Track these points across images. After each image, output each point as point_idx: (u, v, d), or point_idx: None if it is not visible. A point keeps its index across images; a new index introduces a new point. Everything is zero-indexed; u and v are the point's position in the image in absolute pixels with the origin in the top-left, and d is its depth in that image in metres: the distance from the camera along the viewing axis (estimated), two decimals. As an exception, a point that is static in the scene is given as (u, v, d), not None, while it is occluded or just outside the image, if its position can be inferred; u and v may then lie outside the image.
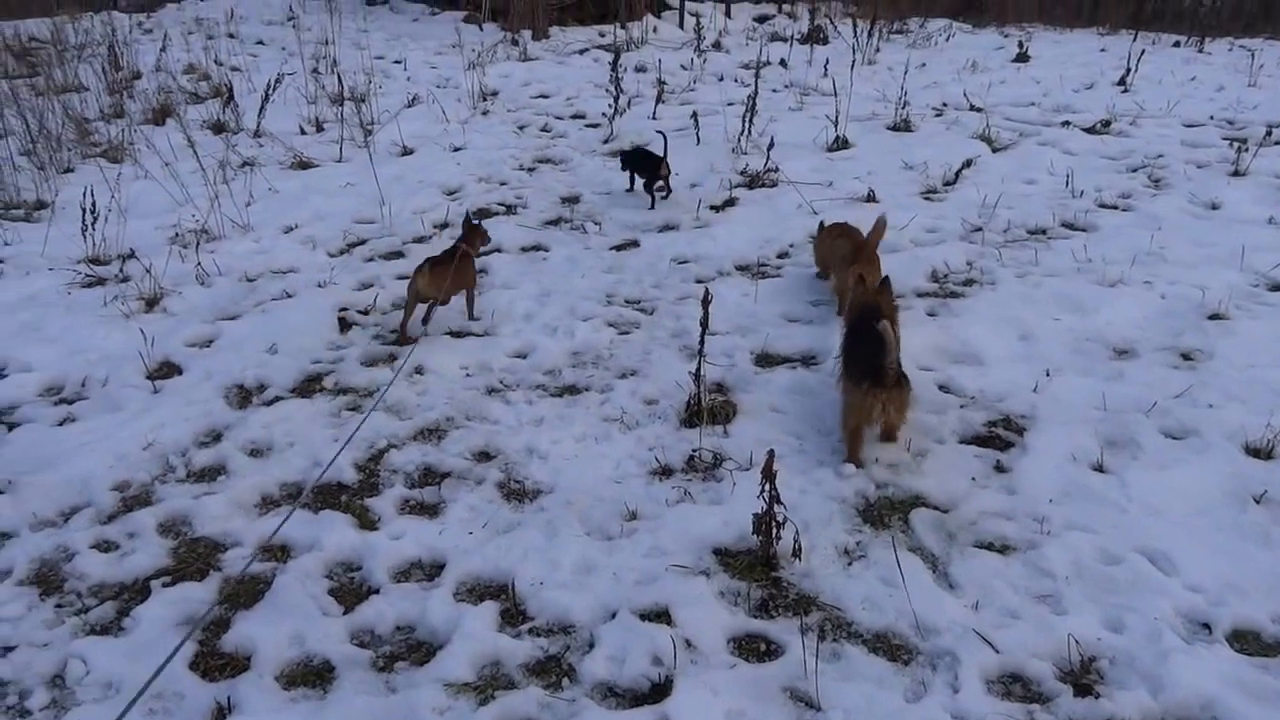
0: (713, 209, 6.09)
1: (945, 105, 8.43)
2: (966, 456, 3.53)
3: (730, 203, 6.20)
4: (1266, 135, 6.60)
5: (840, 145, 7.19)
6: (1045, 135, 7.36)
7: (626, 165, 6.31)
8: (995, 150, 7.05)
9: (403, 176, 6.77)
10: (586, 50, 11.17)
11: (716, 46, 11.27)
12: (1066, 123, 7.68)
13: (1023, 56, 10.55)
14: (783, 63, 10.26)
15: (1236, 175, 6.29)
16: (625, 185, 6.43)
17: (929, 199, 6.15)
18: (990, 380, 3.99)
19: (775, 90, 9.10)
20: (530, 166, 7.10)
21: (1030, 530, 3.12)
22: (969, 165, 6.45)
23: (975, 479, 3.40)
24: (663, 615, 2.81)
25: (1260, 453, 3.46)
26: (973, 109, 8.16)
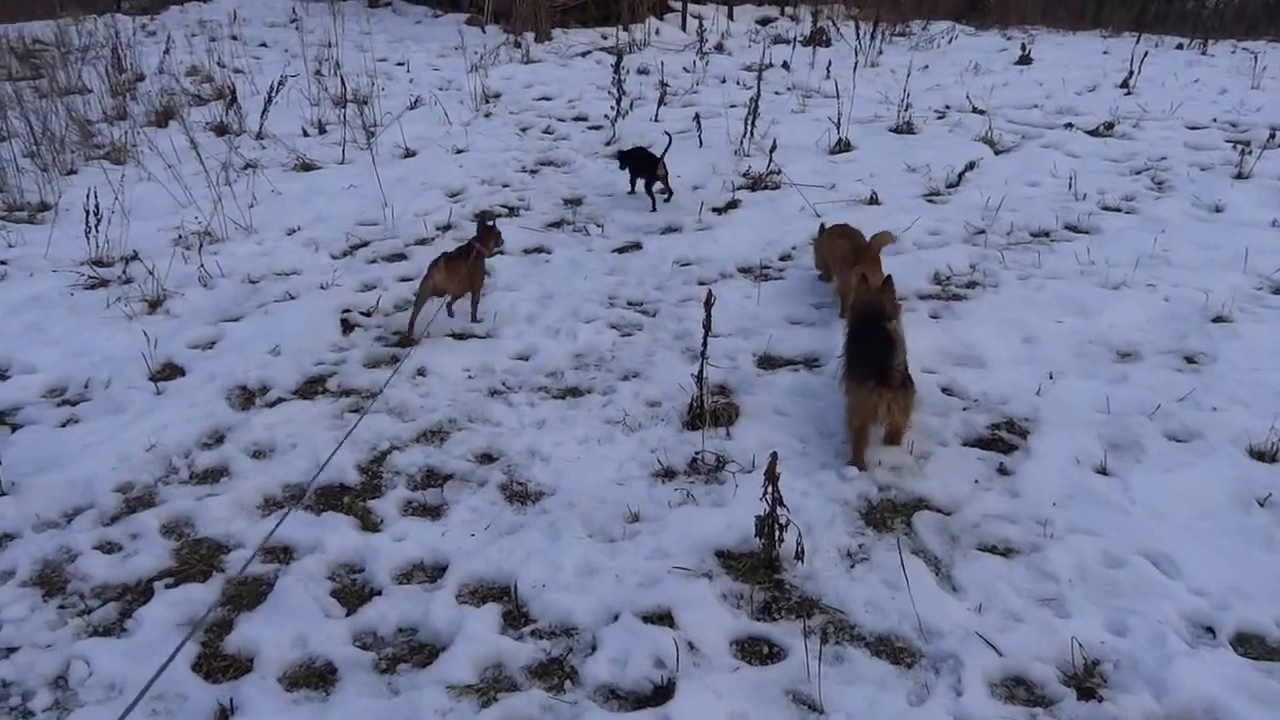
0: (715, 211, 6.09)
1: (948, 107, 8.42)
2: (969, 459, 3.53)
3: (733, 205, 6.21)
4: (1270, 138, 6.58)
5: (843, 147, 7.19)
6: (1048, 138, 7.36)
7: (625, 165, 6.32)
8: (998, 152, 7.04)
9: (405, 178, 6.78)
10: (589, 52, 11.18)
11: (719, 49, 11.28)
12: (1069, 125, 7.67)
13: (1025, 59, 10.54)
14: (785, 65, 10.27)
15: (1240, 178, 6.28)
16: (626, 187, 6.43)
17: (932, 201, 6.14)
18: (993, 383, 3.99)
19: (778, 92, 9.11)
20: (533, 169, 7.10)
21: (1033, 533, 3.11)
22: (972, 168, 6.44)
23: (978, 482, 3.40)
24: (665, 618, 2.80)
25: (1264, 456, 3.45)
26: (975, 111, 8.16)
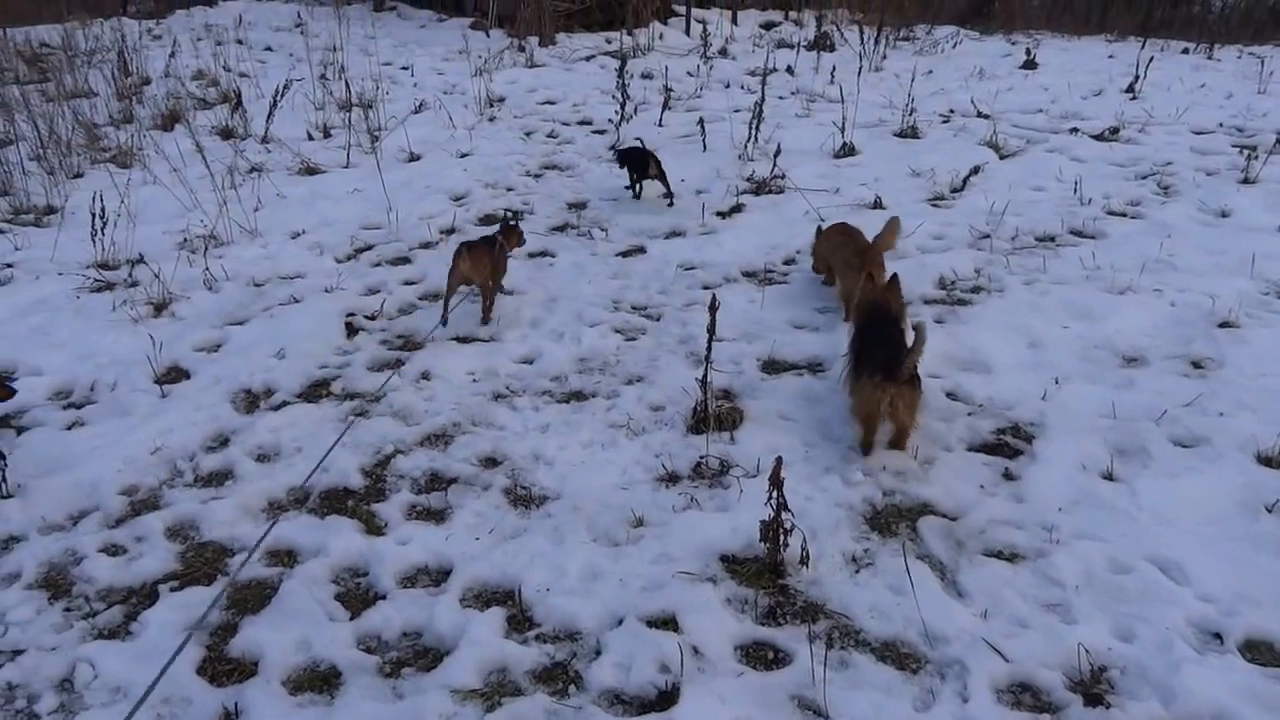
0: (719, 215, 6.09)
1: (952, 112, 8.42)
2: (975, 464, 3.52)
3: (737, 209, 6.20)
4: (1277, 142, 6.57)
5: (847, 152, 7.19)
6: (1053, 142, 7.35)
7: (623, 163, 6.34)
8: (1003, 157, 7.04)
9: (410, 182, 6.79)
10: (593, 57, 11.20)
11: (723, 53, 11.29)
12: (1075, 130, 7.67)
13: (1030, 64, 10.54)
14: (789, 70, 10.27)
15: (1246, 183, 6.26)
16: (626, 185, 6.43)
17: (936, 206, 6.14)
18: (998, 388, 3.98)
19: (782, 97, 9.11)
20: (537, 172, 7.11)
21: (1039, 539, 3.10)
22: (976, 172, 6.43)
23: (984, 487, 3.39)
24: (670, 622, 2.80)
25: (1272, 462, 3.43)
26: (980, 116, 8.16)
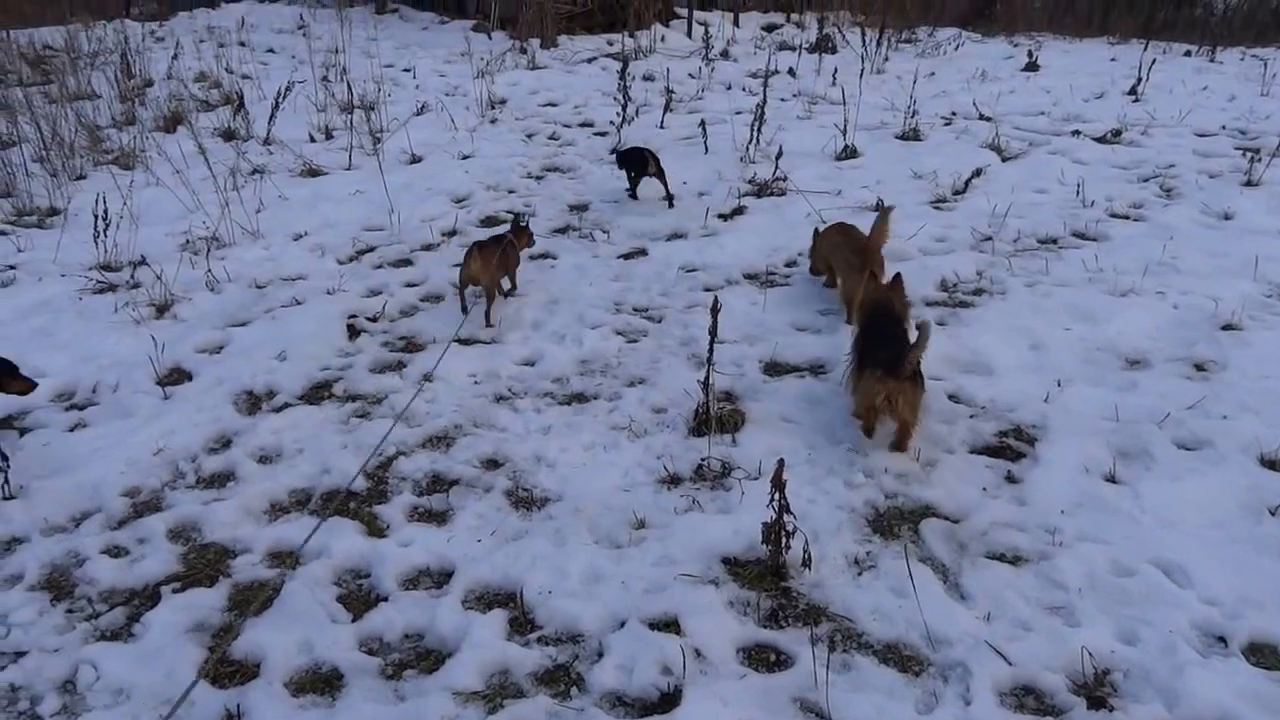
0: (721, 217, 6.09)
1: (954, 114, 8.42)
2: (977, 466, 3.51)
3: (738, 211, 6.20)
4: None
5: (849, 154, 7.18)
6: (1055, 144, 7.34)
7: (623, 164, 6.35)
8: (1005, 159, 7.03)
9: (411, 184, 6.79)
10: (595, 59, 11.20)
11: (724, 55, 11.30)
12: (1077, 132, 7.66)
13: (1032, 66, 10.53)
14: (791, 72, 10.27)
15: (1249, 185, 6.25)
16: (627, 188, 6.44)
17: (938, 208, 6.13)
18: (1000, 390, 3.98)
19: (783, 99, 9.11)
20: (538, 174, 7.11)
21: (1042, 541, 3.09)
22: (978, 174, 6.43)
23: (986, 489, 3.38)
24: (672, 625, 2.80)
25: (1276, 464, 3.43)
26: (982, 118, 8.15)
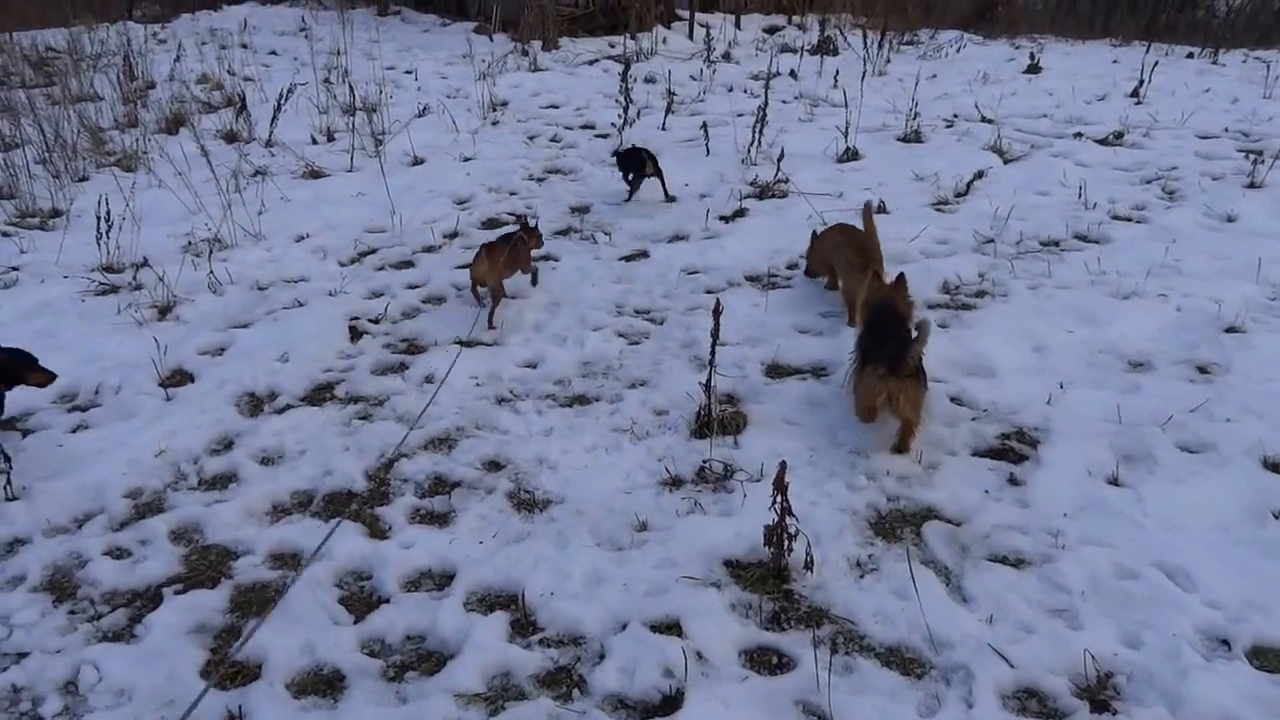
0: (722, 219, 6.09)
1: (956, 116, 8.41)
2: (979, 469, 3.51)
3: (740, 213, 6.20)
4: (1281, 147, 6.56)
5: (850, 156, 7.18)
6: (1057, 147, 7.34)
7: (622, 165, 6.37)
8: (1007, 161, 7.03)
9: (413, 186, 6.80)
10: (596, 61, 11.21)
11: (726, 58, 11.30)
12: (1079, 134, 7.65)
13: (1034, 68, 10.53)
14: (792, 74, 10.28)
15: (1252, 187, 6.24)
16: (624, 190, 6.47)
17: (940, 210, 6.13)
18: (1003, 392, 3.97)
19: (785, 101, 9.11)
20: (540, 176, 7.12)
21: (1045, 544, 3.09)
22: (980, 176, 6.43)
23: (988, 492, 3.38)
24: (673, 627, 2.79)
25: (1279, 467, 3.42)
26: (984, 120, 8.15)
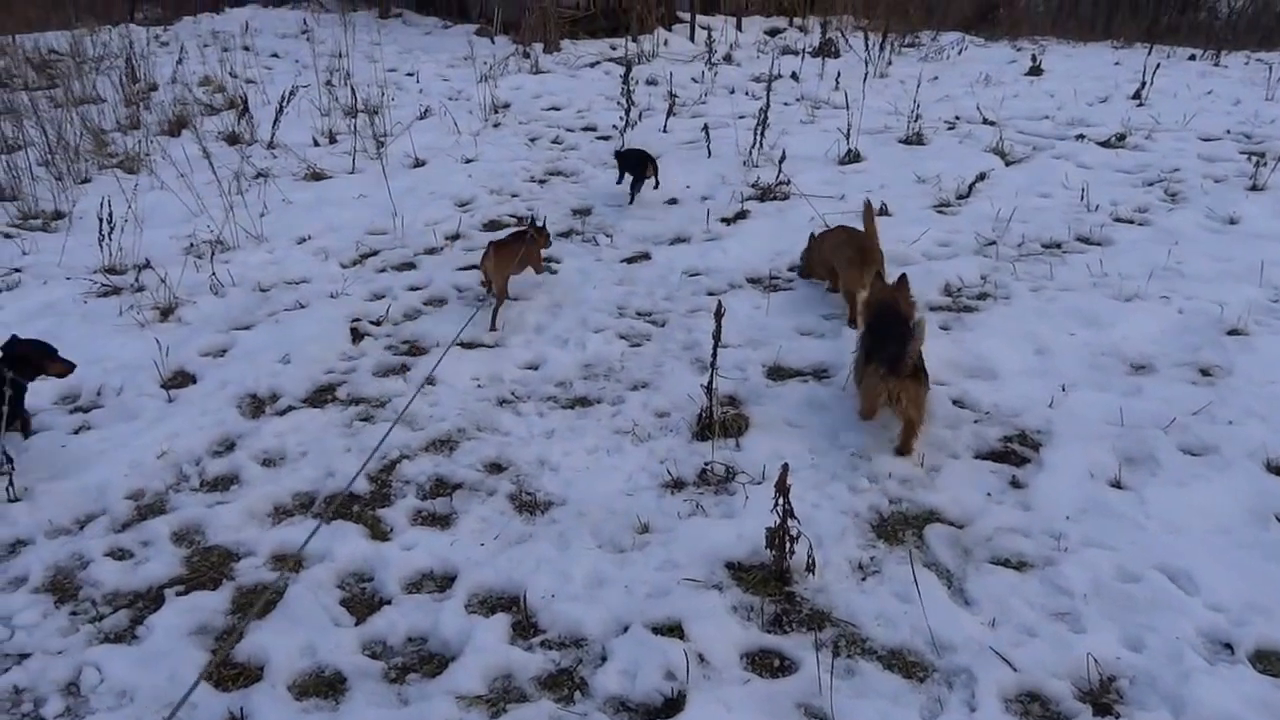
0: (724, 221, 6.09)
1: (958, 118, 8.41)
2: (981, 472, 3.50)
3: (742, 215, 6.20)
4: (1284, 149, 6.56)
5: (852, 158, 7.18)
6: (1059, 149, 7.33)
7: (622, 165, 6.39)
8: (1009, 164, 7.02)
9: (415, 188, 6.80)
10: (598, 63, 11.22)
11: (727, 60, 11.31)
12: (1081, 136, 7.65)
13: (1036, 70, 10.52)
14: (794, 76, 10.28)
15: (1255, 190, 6.24)
16: (619, 185, 6.50)
17: (942, 212, 6.13)
18: (1005, 395, 3.96)
19: (786, 103, 9.11)
20: (541, 178, 7.12)
21: (1047, 547, 3.08)
22: (982, 179, 6.42)
23: (990, 494, 3.37)
24: (675, 629, 2.79)
25: (1282, 470, 3.42)
26: (986, 122, 8.15)
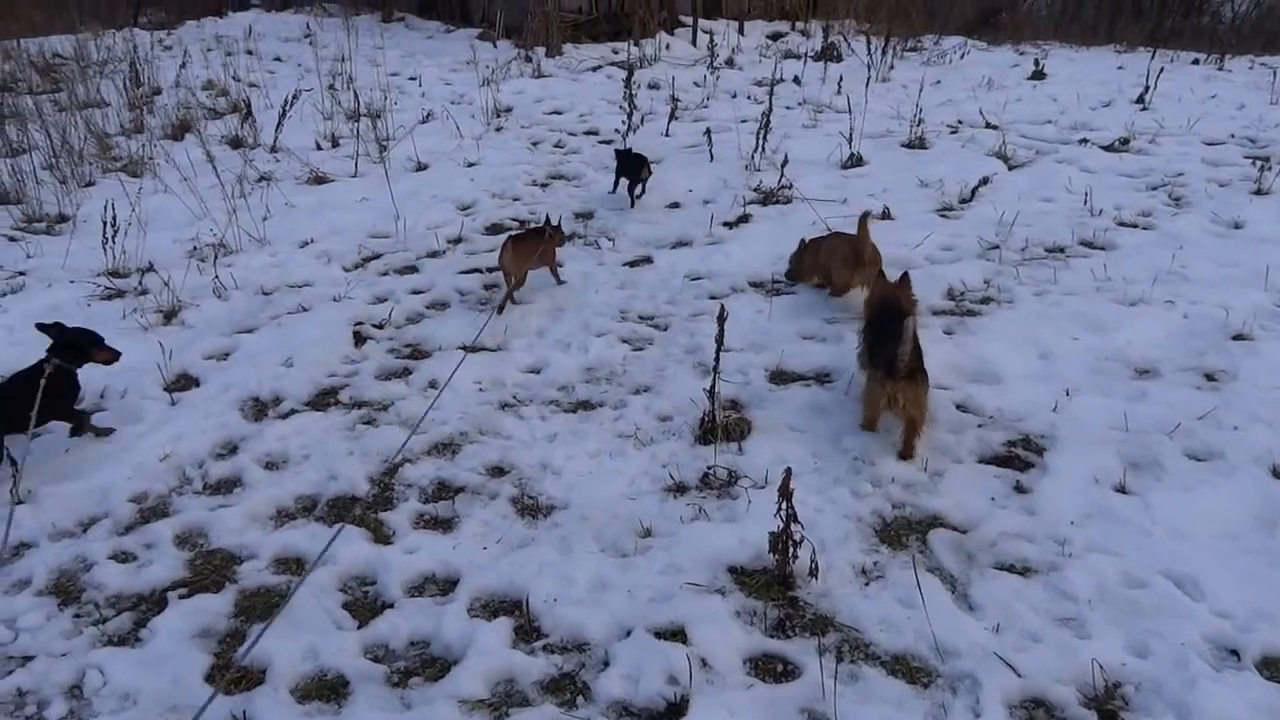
0: (726, 225, 6.09)
1: (961, 123, 8.41)
2: (985, 476, 3.49)
3: (744, 219, 6.20)
4: (1288, 153, 6.55)
5: (854, 162, 7.18)
6: (1063, 153, 7.33)
7: (621, 165, 6.44)
8: (1012, 168, 7.02)
9: (417, 192, 6.81)
10: (600, 67, 11.24)
11: (730, 64, 11.32)
12: (1084, 140, 7.64)
13: (1039, 74, 10.52)
14: (796, 80, 10.29)
15: (1259, 194, 6.23)
16: (612, 194, 6.56)
17: (945, 216, 6.12)
18: (1009, 399, 3.95)
19: (789, 107, 9.12)
20: (544, 182, 7.13)
21: (1051, 552, 3.07)
22: (985, 183, 6.42)
23: (994, 499, 3.36)
24: (678, 634, 2.78)
25: (1286, 475, 3.41)
26: (989, 126, 8.15)
